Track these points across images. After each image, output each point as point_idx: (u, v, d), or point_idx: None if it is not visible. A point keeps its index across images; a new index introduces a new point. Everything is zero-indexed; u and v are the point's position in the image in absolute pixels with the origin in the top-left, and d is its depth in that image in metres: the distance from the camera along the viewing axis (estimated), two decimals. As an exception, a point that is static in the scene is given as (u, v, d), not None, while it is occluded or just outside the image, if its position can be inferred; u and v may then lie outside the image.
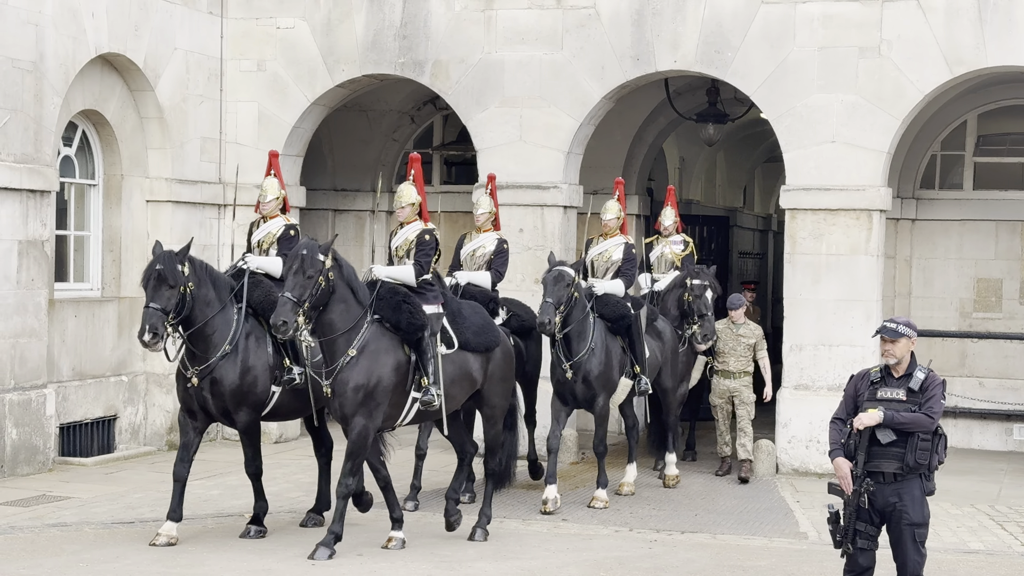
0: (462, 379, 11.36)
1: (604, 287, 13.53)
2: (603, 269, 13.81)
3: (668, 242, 15.62)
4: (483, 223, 13.84)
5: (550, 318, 12.51)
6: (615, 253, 13.78)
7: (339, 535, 10.67)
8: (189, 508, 11.95)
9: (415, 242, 11.44)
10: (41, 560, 10.20)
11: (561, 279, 12.68)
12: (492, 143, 16.18)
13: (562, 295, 12.63)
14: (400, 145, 19.84)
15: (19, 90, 13.62)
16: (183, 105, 16.09)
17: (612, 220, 14.13)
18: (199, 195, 16.37)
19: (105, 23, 14.78)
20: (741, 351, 14.99)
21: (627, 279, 13.68)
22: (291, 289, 10.33)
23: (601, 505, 13.01)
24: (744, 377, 15.03)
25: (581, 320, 12.95)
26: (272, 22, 16.73)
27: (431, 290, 11.30)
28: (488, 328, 11.66)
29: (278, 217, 12.22)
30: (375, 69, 16.50)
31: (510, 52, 16.07)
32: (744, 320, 15.13)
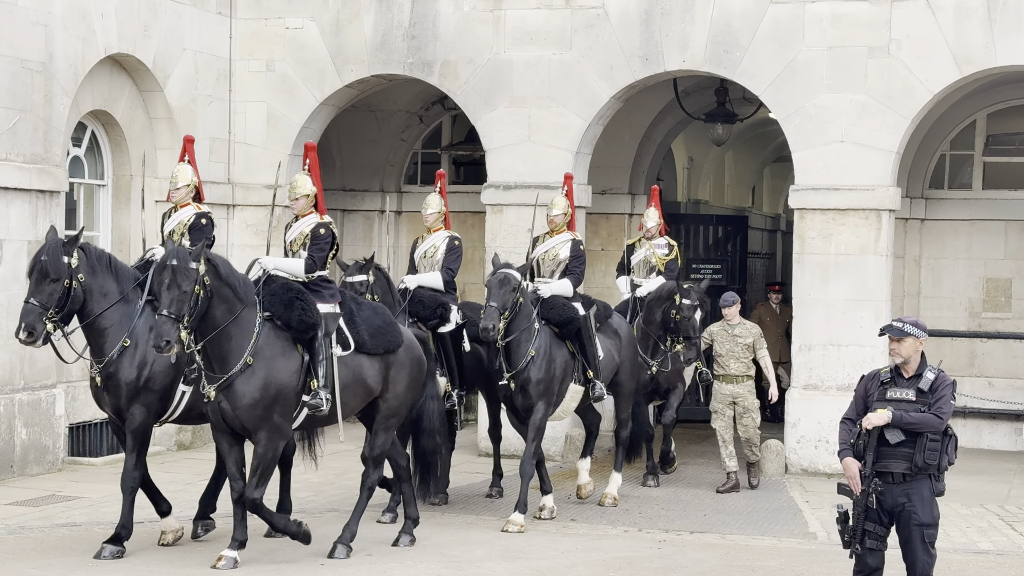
0: (356, 384, 10.69)
1: (551, 288, 12.77)
2: (550, 269, 13.04)
3: (652, 245, 14.94)
4: (432, 223, 13.42)
5: (494, 323, 11.81)
6: (562, 251, 13.03)
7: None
8: (190, 508, 11.95)
9: (310, 236, 10.76)
10: (51, 560, 10.22)
11: (506, 283, 11.99)
12: (501, 143, 16.19)
13: (507, 300, 11.94)
14: (409, 145, 19.86)
15: (28, 91, 13.65)
16: (192, 105, 16.10)
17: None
18: (208, 195, 16.27)
19: (114, 23, 14.81)
20: (739, 352, 14.22)
21: (575, 278, 12.97)
22: (167, 306, 9.62)
23: (515, 529, 11.84)
24: (746, 381, 14.29)
25: (525, 328, 12.20)
26: (281, 22, 16.74)
27: (328, 288, 10.70)
28: (387, 330, 10.92)
29: (189, 206, 11.48)
30: (384, 69, 16.51)
31: (519, 52, 16.07)
32: (740, 320, 14.37)
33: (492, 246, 16.20)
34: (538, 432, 12.28)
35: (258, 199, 16.80)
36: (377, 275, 12.56)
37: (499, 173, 16.19)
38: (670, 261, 14.87)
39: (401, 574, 10.21)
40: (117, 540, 10.46)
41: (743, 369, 14.24)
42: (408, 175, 20.05)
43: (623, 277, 14.98)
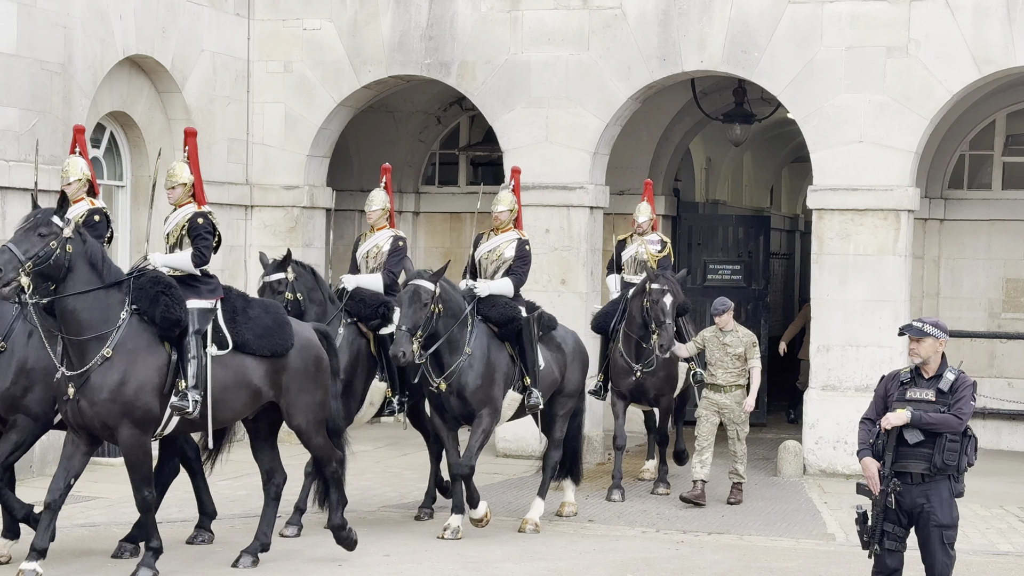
0: (238, 386, 10.03)
1: (489, 288, 11.95)
2: (492, 268, 12.19)
3: (643, 241, 14.35)
4: (376, 220, 12.76)
5: (404, 350, 10.97)
6: (507, 250, 12.19)
7: (158, 550, 9.82)
8: (217, 508, 11.97)
9: (187, 227, 10.22)
10: (69, 560, 10.25)
11: (416, 298, 11.17)
12: (518, 144, 16.18)
13: (419, 318, 11.11)
14: (427, 146, 19.86)
15: (48, 92, 13.69)
16: (210, 107, 16.14)
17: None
18: (226, 196, 16.41)
19: (133, 25, 14.85)
20: (728, 362, 13.33)
21: (517, 279, 12.13)
22: (16, 243, 9.09)
23: (451, 535, 11.38)
24: (736, 391, 13.36)
25: (455, 330, 11.45)
26: (299, 23, 16.77)
27: (207, 283, 10.14)
28: (277, 331, 10.21)
29: (83, 201, 10.81)
30: (401, 70, 16.53)
31: (536, 53, 16.07)
32: (733, 327, 13.42)
33: (510, 247, 16.18)
34: (485, 438, 11.60)
35: (276, 200, 16.85)
36: (299, 271, 11.97)
37: (517, 174, 16.15)
38: (663, 258, 14.31)
39: (418, 575, 10.21)
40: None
41: (731, 379, 13.37)
42: (426, 176, 20.06)
43: (613, 275, 14.58)
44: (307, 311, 11.83)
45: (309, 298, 11.90)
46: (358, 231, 19.54)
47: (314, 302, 11.94)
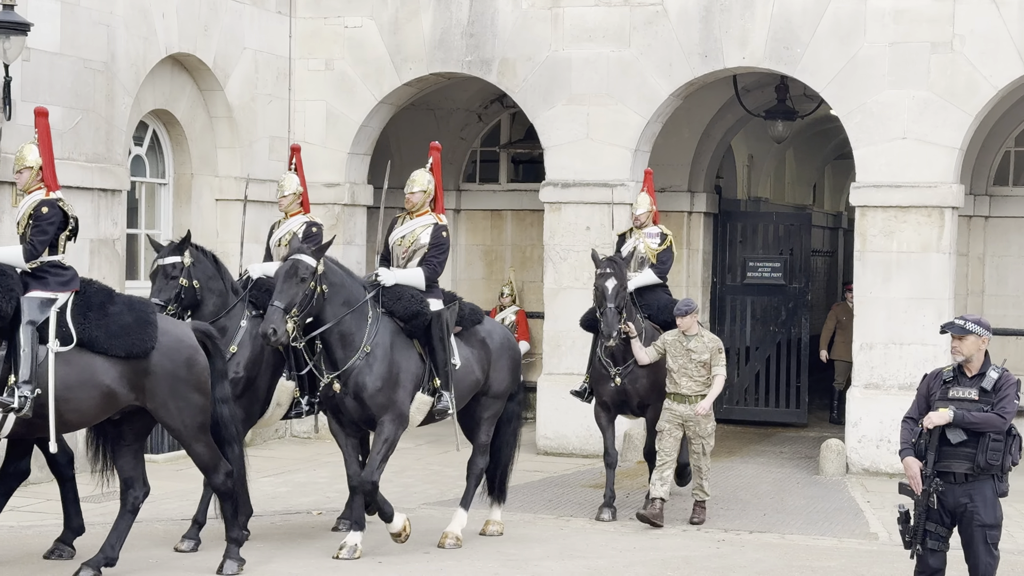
0: (86, 386, 9.31)
1: (396, 277, 10.89)
2: (406, 255, 11.10)
3: (642, 235, 13.42)
4: (288, 206, 12.02)
5: (275, 327, 9.99)
6: (422, 235, 11.05)
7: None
8: (258, 505, 12.01)
9: (30, 216, 9.62)
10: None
11: (292, 273, 10.18)
12: (559, 141, 16.16)
13: (294, 295, 10.09)
14: (468, 144, 19.86)
15: (91, 90, 13.77)
16: (252, 104, 16.20)
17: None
18: (267, 194, 16.43)
19: (175, 23, 14.92)
20: (692, 370, 12.19)
21: (431, 269, 10.99)
22: None
23: (347, 555, 10.41)
24: (701, 402, 12.24)
25: (350, 322, 10.44)
26: (340, 21, 16.80)
27: (58, 275, 9.51)
28: (136, 330, 9.44)
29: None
30: (442, 67, 16.53)
31: (577, 49, 16.03)
32: (698, 331, 12.32)
33: (551, 244, 16.19)
34: (389, 448, 10.56)
35: (317, 197, 16.80)
36: (197, 256, 11.07)
37: (557, 171, 16.16)
38: (662, 252, 13.32)
39: (458, 573, 10.21)
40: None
41: (696, 388, 12.22)
42: (467, 173, 20.06)
43: None
44: (205, 300, 11.02)
45: (207, 287, 11.03)
46: (399, 228, 19.58)
47: (213, 292, 11.08)
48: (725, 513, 12.85)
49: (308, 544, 10.99)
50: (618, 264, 12.58)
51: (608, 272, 12.40)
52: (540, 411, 16.18)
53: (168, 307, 10.76)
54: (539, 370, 17.24)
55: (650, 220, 13.52)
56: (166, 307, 10.72)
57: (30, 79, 12.99)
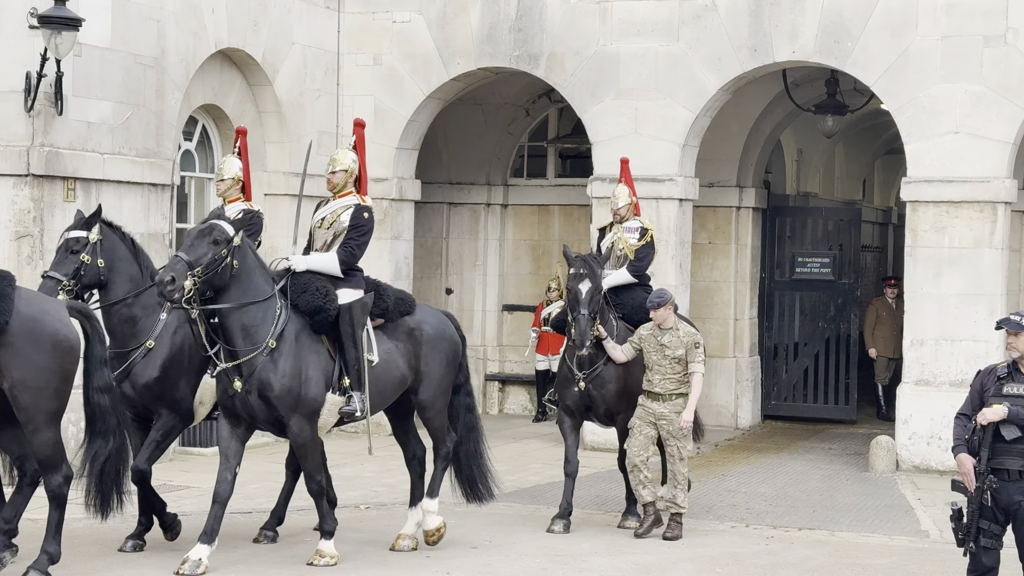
0: None
1: (308, 262, 10.07)
2: (326, 239, 10.32)
3: (621, 229, 12.38)
4: (225, 191, 11.23)
5: (173, 275, 9.17)
6: (343, 217, 10.26)
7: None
8: (305, 499, 12.03)
9: None
10: (161, 549, 10.35)
11: (208, 233, 9.45)
12: (607, 136, 16.11)
13: (203, 254, 9.33)
14: (515, 138, 19.85)
15: (141, 85, 13.84)
16: (300, 99, 16.24)
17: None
18: (316, 189, 16.40)
19: (225, 18, 14.97)
20: (666, 366, 11.27)
21: (348, 253, 10.15)
22: None
23: (189, 570, 9.61)
24: (676, 400, 11.31)
25: (255, 312, 9.65)
26: (388, 16, 16.82)
27: None
28: None
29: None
30: (490, 62, 16.52)
31: (625, 44, 15.98)
32: (673, 324, 11.37)
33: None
34: (304, 450, 9.92)
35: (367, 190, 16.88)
36: (108, 235, 10.24)
37: (605, 166, 16.11)
38: (641, 248, 12.21)
39: (505, 568, 10.20)
40: None
41: (670, 386, 11.30)
42: (514, 168, 20.05)
43: None
44: (112, 283, 10.16)
45: (115, 268, 10.18)
46: (447, 223, 19.61)
47: (123, 275, 10.17)
48: (774, 510, 12.78)
49: (355, 538, 11.00)
50: (592, 264, 11.55)
51: (582, 273, 11.45)
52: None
53: (65, 283, 9.97)
54: (586, 365, 17.17)
55: (630, 213, 12.45)
56: (61, 283, 9.95)
57: (81, 74, 13.07)
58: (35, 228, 12.68)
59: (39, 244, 12.65)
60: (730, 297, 18.43)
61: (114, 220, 10.70)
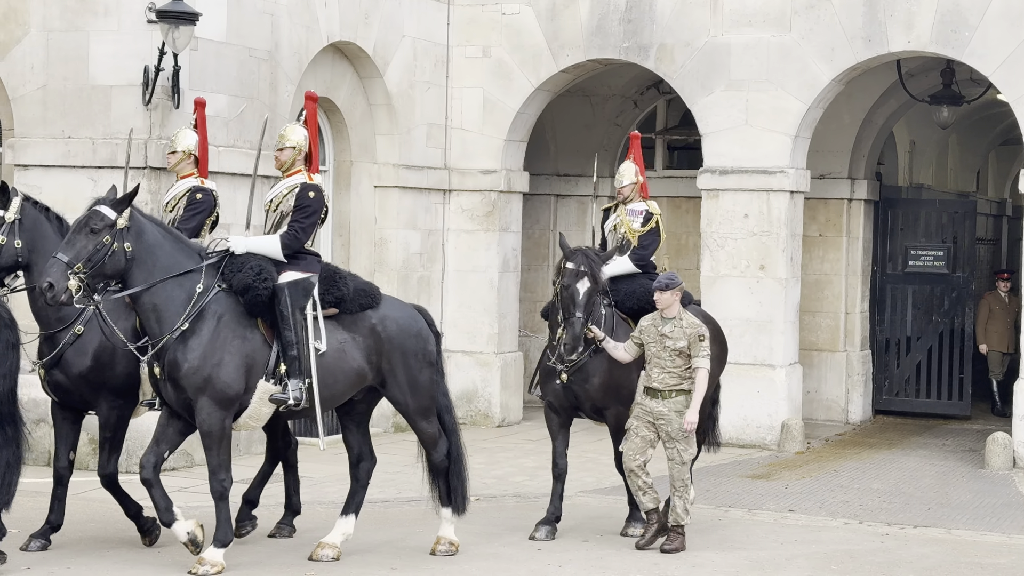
0: None
1: (248, 244, 9.51)
2: (273, 221, 9.77)
3: (624, 211, 11.34)
4: (177, 164, 10.66)
5: (53, 280, 8.75)
6: (290, 198, 9.68)
7: None
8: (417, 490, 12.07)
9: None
10: (280, 539, 10.45)
11: (85, 224, 8.97)
12: (717, 127, 15.99)
13: (82, 247, 8.88)
14: (623, 130, 19.74)
15: (255, 79, 13.99)
16: (410, 92, 16.31)
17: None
18: (425, 181, 16.59)
19: (336, 12, 15.08)
20: (666, 359, 10.17)
21: (290, 235, 9.54)
22: None
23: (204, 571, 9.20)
24: (677, 398, 10.20)
25: (164, 289, 9.15)
26: (497, 8, 16.83)
27: None
28: None
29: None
30: (599, 54, 16.47)
31: (736, 35, 15.84)
32: (677, 313, 10.25)
33: (708, 232, 16.04)
34: (211, 440, 9.22)
35: (473, 184, 16.96)
36: (28, 213, 9.64)
37: (715, 158, 15.99)
38: (645, 235, 11.15)
39: (617, 562, 10.16)
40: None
41: (671, 382, 10.19)
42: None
43: None
44: (35, 264, 9.49)
45: (36, 248, 9.55)
46: (554, 215, 19.59)
47: (46, 255, 9.30)
48: (887, 506, 12.60)
49: (467, 529, 11.03)
50: (592, 262, 10.45)
51: (582, 271, 10.37)
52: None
53: None
54: (695, 358, 17.07)
55: (636, 194, 11.32)
56: None
57: (197, 68, 13.24)
58: (152, 220, 12.84)
59: (156, 236, 12.80)
60: (841, 290, 18.21)
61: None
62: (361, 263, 15.94)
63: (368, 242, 16.03)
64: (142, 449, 12.76)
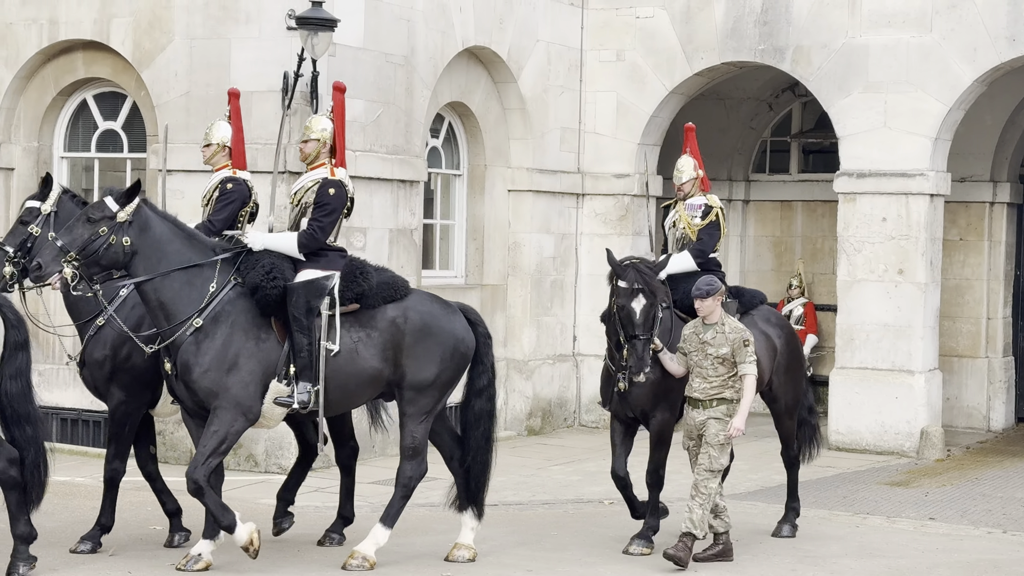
0: None
1: (266, 241, 9.33)
2: (296, 217, 9.56)
3: (683, 207, 10.85)
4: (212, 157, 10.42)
5: (40, 261, 8.77)
6: (311, 193, 9.45)
7: None
8: (550, 493, 12.12)
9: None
10: (412, 538, 10.53)
11: (85, 213, 8.94)
12: (854, 130, 15.77)
13: (78, 235, 8.81)
14: (757, 133, 19.60)
15: (391, 84, 14.13)
16: (544, 96, 16.35)
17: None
18: (558, 185, 16.61)
19: (472, 17, 15.18)
20: (708, 367, 9.72)
21: (307, 233, 9.31)
22: None
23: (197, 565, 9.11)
24: (719, 407, 9.73)
25: (172, 285, 8.99)
26: (632, 12, 16.80)
27: None
28: None
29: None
30: (734, 56, 16.35)
31: (875, 36, 15.61)
32: (719, 319, 9.78)
33: (845, 235, 15.82)
34: (219, 442, 9.02)
35: (607, 188, 16.95)
36: (64, 207, 9.65)
37: (852, 161, 15.78)
38: (704, 229, 10.72)
39: (754, 569, 10.06)
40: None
41: (712, 391, 9.73)
42: (756, 163, 19.80)
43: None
44: None
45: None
46: (687, 219, 19.48)
47: None
48: (1032, 516, 12.31)
49: (599, 532, 11.01)
50: (646, 276, 9.86)
51: (636, 289, 9.77)
52: (832, 406, 15.83)
53: (11, 255, 9.54)
54: (830, 364, 16.88)
55: (696, 189, 10.85)
56: (8, 253, 9.56)
57: (335, 74, 13.37)
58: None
59: (294, 239, 12.98)
60: (982, 295, 17.84)
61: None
62: (494, 267, 16.05)
63: (502, 246, 16.11)
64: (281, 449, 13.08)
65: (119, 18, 13.69)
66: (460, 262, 16.07)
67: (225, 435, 9.03)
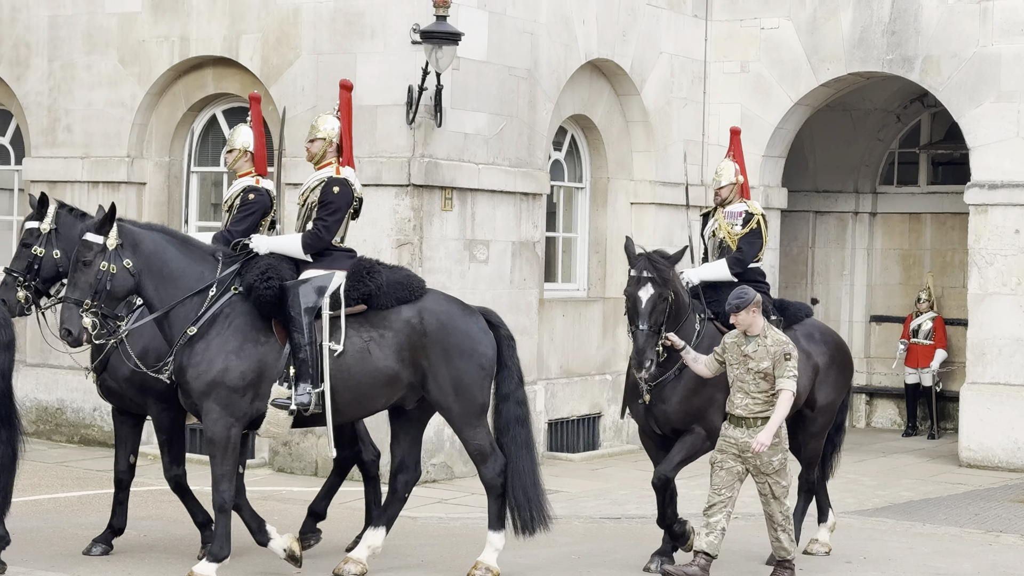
0: None
1: (270, 244, 9.19)
2: (301, 217, 9.37)
3: (722, 214, 10.48)
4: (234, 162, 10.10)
5: (68, 327, 8.67)
6: (316, 192, 9.26)
7: None
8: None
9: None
10: (536, 551, 10.49)
11: (78, 260, 8.82)
12: (986, 140, 15.45)
13: (85, 283, 8.74)
14: (885, 145, 19.31)
15: (514, 97, 14.17)
16: (667, 108, 16.28)
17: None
18: (681, 197, 16.47)
19: (595, 30, 15.16)
20: (749, 382, 9.10)
21: (311, 234, 9.13)
22: None
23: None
24: (763, 426, 9.07)
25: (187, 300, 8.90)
26: (756, 23, 16.66)
27: None
28: None
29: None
30: (861, 67, 16.13)
31: (1007, 44, 15.29)
32: (761, 331, 9.16)
33: (976, 248, 15.49)
34: (218, 449, 8.82)
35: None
36: (64, 221, 9.60)
37: (984, 172, 15.46)
38: (744, 238, 10.24)
39: (884, 584, 9.90)
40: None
41: (755, 408, 9.11)
42: (883, 175, 19.49)
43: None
44: None
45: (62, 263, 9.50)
46: (812, 232, 19.26)
47: None
48: None
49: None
50: (658, 266, 9.44)
51: (644, 277, 9.38)
52: (963, 422, 15.51)
53: (19, 278, 9.51)
54: (961, 379, 16.55)
55: (735, 195, 10.43)
56: (17, 278, 9.53)
57: (459, 87, 13.49)
58: (415, 236, 13.14)
59: (418, 252, 13.12)
60: (1120, 310, 17.32)
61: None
62: (617, 279, 15.96)
63: (624, 259, 15.93)
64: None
65: (248, 34, 13.92)
66: (582, 275, 16.04)
67: (225, 444, 8.88)
